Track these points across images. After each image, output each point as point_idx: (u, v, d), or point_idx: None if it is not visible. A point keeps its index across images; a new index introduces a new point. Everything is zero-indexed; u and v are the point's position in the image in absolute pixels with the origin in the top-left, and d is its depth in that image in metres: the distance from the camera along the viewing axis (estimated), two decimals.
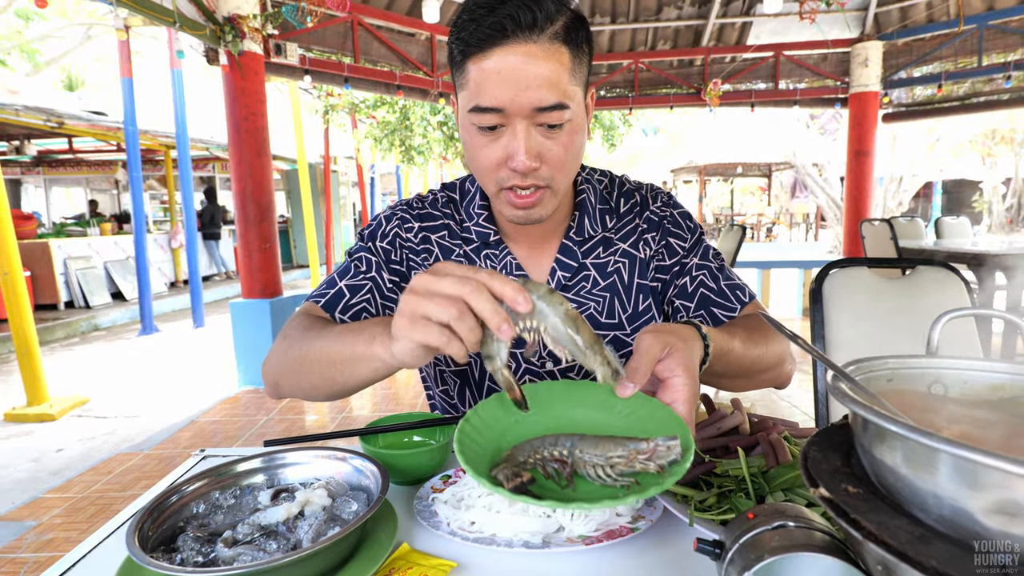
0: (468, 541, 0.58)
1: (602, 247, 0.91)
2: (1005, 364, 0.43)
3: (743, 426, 0.67)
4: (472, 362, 0.90)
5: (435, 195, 0.96)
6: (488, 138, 0.74)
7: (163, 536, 0.56)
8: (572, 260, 0.89)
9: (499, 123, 0.73)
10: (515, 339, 0.54)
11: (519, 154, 0.72)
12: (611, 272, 0.91)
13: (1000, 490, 0.27)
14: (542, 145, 0.74)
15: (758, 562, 0.38)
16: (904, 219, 5.01)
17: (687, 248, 0.93)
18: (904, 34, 5.84)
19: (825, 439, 0.43)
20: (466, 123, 0.76)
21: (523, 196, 0.77)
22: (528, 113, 0.71)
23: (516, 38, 0.69)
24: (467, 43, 0.71)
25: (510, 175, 0.76)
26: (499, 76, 0.69)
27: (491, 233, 0.89)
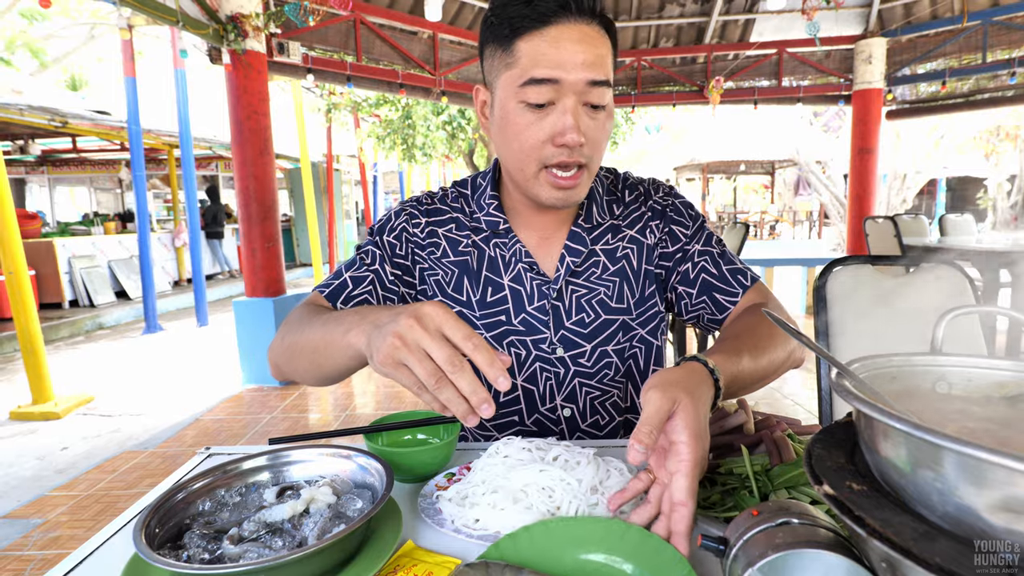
0: (472, 539, 0.58)
1: (610, 233, 0.94)
2: (1009, 362, 0.43)
3: (747, 425, 0.67)
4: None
5: (446, 191, 0.98)
6: (536, 115, 0.77)
7: (169, 533, 0.56)
8: (581, 246, 0.91)
9: (550, 99, 0.76)
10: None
11: (569, 129, 0.76)
12: (620, 257, 0.93)
13: (1005, 487, 0.28)
14: (586, 124, 0.78)
15: (762, 558, 0.39)
16: (908, 216, 4.99)
17: (689, 235, 0.94)
18: (908, 30, 5.81)
19: (829, 436, 0.43)
20: (510, 103, 0.78)
21: (566, 177, 0.80)
22: (580, 88, 0.75)
23: (576, 18, 0.74)
24: (522, 20, 0.75)
25: (556, 152, 0.78)
26: (558, 49, 0.74)
27: (500, 222, 0.91)
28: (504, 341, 0.90)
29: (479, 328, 0.90)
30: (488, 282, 0.91)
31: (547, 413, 0.91)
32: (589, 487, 0.62)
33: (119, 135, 7.44)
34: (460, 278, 0.92)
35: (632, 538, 0.53)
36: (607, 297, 0.91)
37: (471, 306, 0.91)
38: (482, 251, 0.92)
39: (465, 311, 0.91)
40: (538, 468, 0.64)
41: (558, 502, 0.61)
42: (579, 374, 0.91)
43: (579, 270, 0.91)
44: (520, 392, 0.91)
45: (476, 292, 0.91)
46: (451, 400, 0.54)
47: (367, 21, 4.86)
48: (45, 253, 6.64)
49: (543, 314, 0.90)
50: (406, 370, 0.56)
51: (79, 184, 12.19)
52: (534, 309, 0.90)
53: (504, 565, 0.50)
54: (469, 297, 0.91)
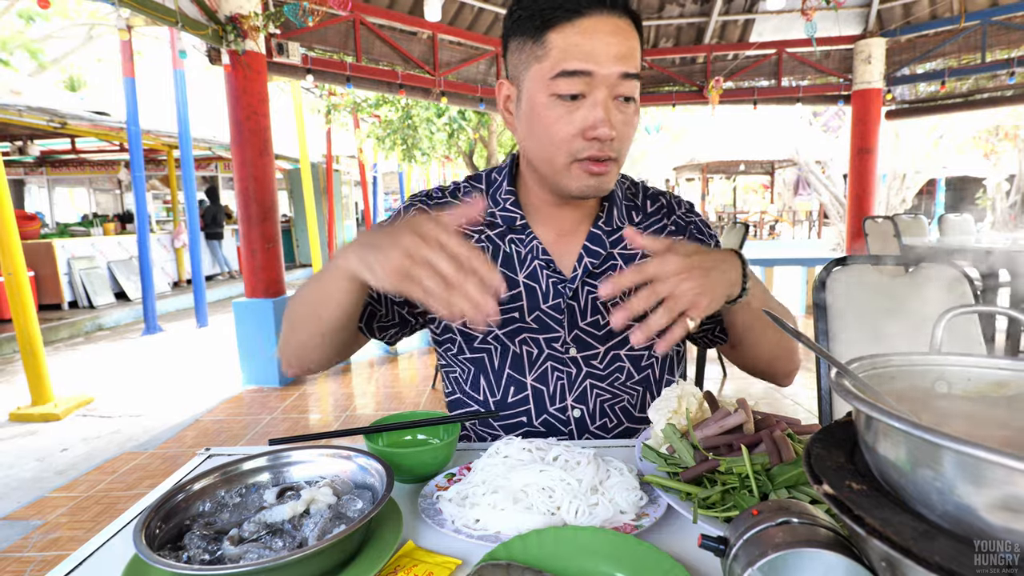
0: (473, 539, 0.58)
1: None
2: (1009, 360, 0.43)
3: (747, 424, 0.67)
4: (492, 347, 0.90)
5: (458, 185, 0.97)
6: (567, 108, 0.77)
7: (169, 534, 0.56)
8: (600, 248, 0.90)
9: (581, 91, 0.76)
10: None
11: (600, 123, 0.76)
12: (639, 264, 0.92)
13: (1004, 487, 0.28)
14: (616, 118, 0.78)
15: (762, 558, 0.39)
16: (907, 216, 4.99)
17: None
18: (907, 30, 5.81)
19: (828, 436, 0.44)
20: (540, 96, 0.78)
21: (599, 164, 0.79)
22: (613, 81, 0.75)
23: (610, 10, 0.75)
24: (554, 11, 0.75)
25: (587, 145, 0.78)
26: (592, 40, 0.74)
27: (517, 217, 0.90)
28: (517, 338, 0.89)
29: (490, 326, 0.89)
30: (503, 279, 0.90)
31: (556, 413, 0.90)
32: (589, 487, 0.63)
33: (118, 136, 7.44)
34: None
35: (641, 555, 0.53)
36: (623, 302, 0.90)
37: None
38: (497, 247, 0.91)
39: None
40: (538, 468, 0.64)
41: (558, 502, 0.61)
42: (591, 375, 0.90)
43: (597, 272, 0.90)
44: (530, 391, 0.89)
45: None
46: (461, 304, 0.58)
47: (366, 21, 4.86)
48: (44, 254, 6.64)
49: (558, 312, 0.89)
50: (413, 283, 0.59)
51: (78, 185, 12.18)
52: (548, 307, 0.89)
53: (525, 568, 0.50)
54: None
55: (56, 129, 6.82)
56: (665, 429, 0.70)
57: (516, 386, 0.89)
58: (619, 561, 0.53)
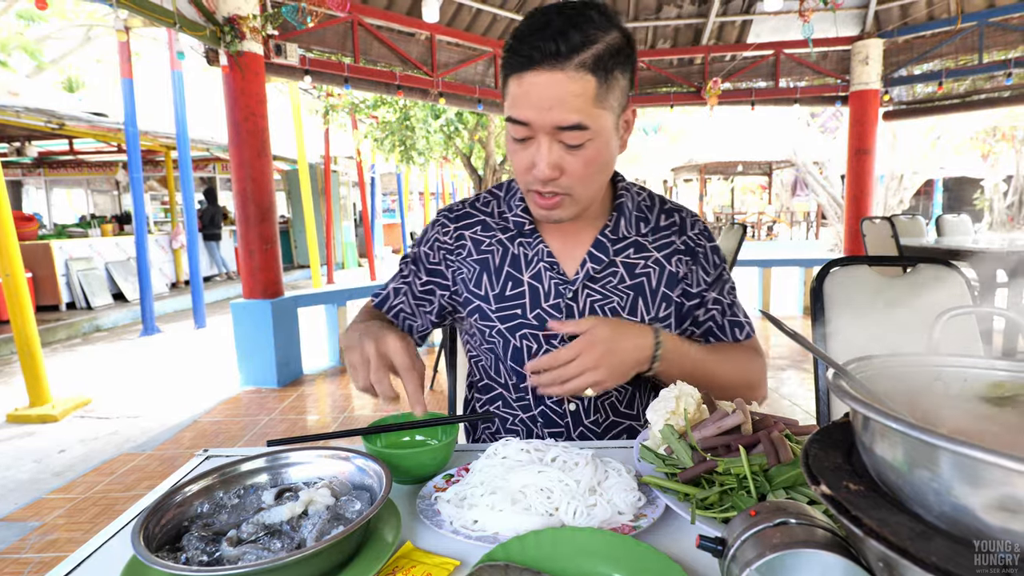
0: (471, 540, 0.58)
1: (633, 249, 0.98)
2: (1005, 362, 0.44)
3: (745, 425, 0.68)
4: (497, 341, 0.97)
5: (479, 196, 1.06)
6: (520, 145, 0.85)
7: (168, 536, 0.56)
8: (603, 254, 0.96)
9: (527, 135, 0.83)
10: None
11: (539, 165, 0.83)
12: (639, 274, 0.97)
13: (1000, 487, 0.28)
14: (563, 159, 0.83)
15: (760, 559, 0.39)
16: (905, 217, 5.00)
17: (711, 281, 1.01)
18: (904, 31, 5.83)
19: (826, 437, 0.44)
20: (508, 132, 0.86)
21: (545, 199, 0.87)
22: (550, 131, 0.81)
23: (543, 65, 0.78)
24: (508, 63, 0.82)
25: (534, 180, 0.85)
26: (527, 96, 0.80)
27: (526, 222, 0.97)
28: (517, 333, 0.95)
29: (493, 321, 0.96)
30: (509, 278, 0.97)
31: (553, 406, 0.96)
32: (587, 488, 0.63)
33: (116, 137, 7.42)
34: (480, 274, 0.98)
35: (639, 556, 0.53)
36: (619, 307, 0.95)
37: (488, 300, 0.97)
38: (506, 249, 0.98)
39: (483, 305, 0.97)
40: (536, 469, 0.64)
41: (556, 503, 0.61)
42: None
43: (597, 276, 0.96)
44: (529, 383, 0.94)
45: (495, 287, 0.97)
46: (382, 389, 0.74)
47: (364, 23, 4.86)
48: (42, 255, 6.62)
49: (557, 311, 0.95)
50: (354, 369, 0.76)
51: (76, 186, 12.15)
52: (549, 306, 0.95)
53: (523, 569, 0.51)
54: (487, 292, 0.97)
55: (54, 130, 6.81)
56: (663, 430, 0.70)
57: (518, 376, 0.98)
58: (617, 562, 0.53)
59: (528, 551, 0.54)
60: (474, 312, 0.98)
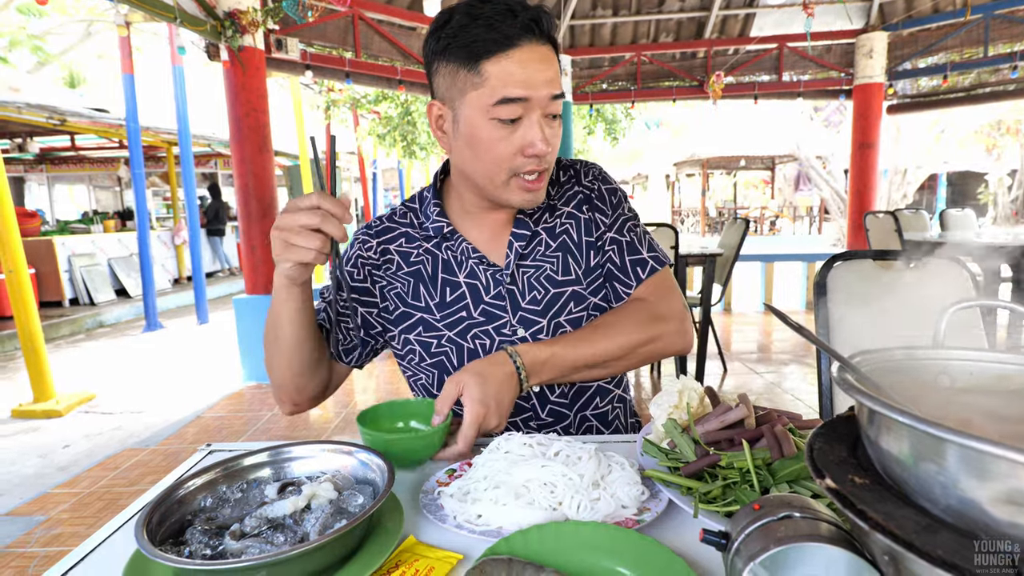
0: (475, 534, 0.58)
1: (548, 213, 1.00)
2: (1011, 355, 0.43)
3: (748, 419, 0.67)
4: (448, 349, 0.95)
5: (394, 210, 1.05)
6: (507, 130, 0.84)
7: (171, 530, 0.56)
8: (525, 230, 0.97)
9: (520, 114, 0.83)
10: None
11: (536, 142, 0.84)
12: (560, 233, 0.99)
13: (1007, 480, 0.27)
14: (548, 133, 0.85)
15: (764, 552, 0.38)
16: (908, 211, 4.98)
17: (608, 223, 1.00)
18: (909, 24, 5.78)
19: (831, 430, 0.43)
20: (480, 120, 0.84)
21: (533, 181, 0.88)
22: (545, 103, 0.83)
23: (535, 40, 0.82)
24: (487, 44, 0.81)
25: (526, 161, 0.86)
26: (526, 70, 0.81)
27: (444, 225, 0.97)
28: (468, 335, 0.95)
29: (441, 329, 0.95)
30: (445, 283, 0.97)
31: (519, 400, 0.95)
32: (591, 482, 0.63)
33: (118, 133, 7.43)
34: (416, 286, 0.97)
35: (642, 548, 0.53)
36: (552, 272, 0.96)
37: (431, 310, 0.96)
38: (435, 256, 0.98)
39: (426, 316, 0.96)
40: (540, 464, 0.64)
41: (560, 497, 0.61)
42: None
43: (526, 252, 0.97)
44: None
45: (435, 295, 0.96)
46: (332, 228, 0.77)
47: (366, 17, 4.84)
48: (45, 251, 6.64)
49: (500, 300, 0.95)
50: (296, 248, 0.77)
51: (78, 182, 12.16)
52: (491, 298, 0.95)
53: (526, 563, 0.51)
54: (427, 302, 0.96)
55: (56, 126, 6.81)
56: (666, 424, 0.70)
57: None
58: (621, 556, 0.53)
59: (531, 545, 0.54)
60: (415, 326, 0.96)
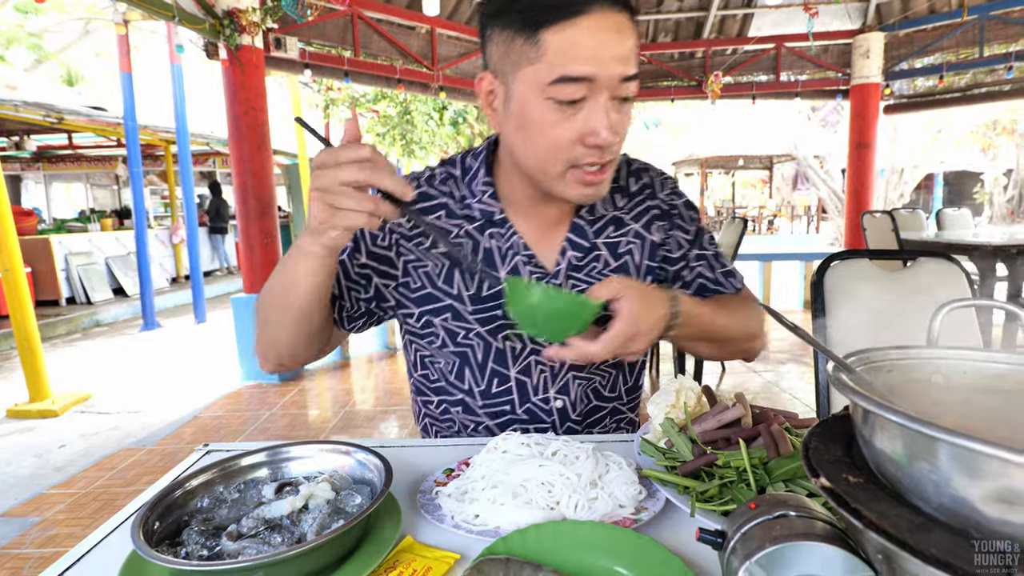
0: (472, 534, 0.59)
1: (613, 226, 0.89)
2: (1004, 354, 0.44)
3: (745, 418, 0.68)
4: (475, 343, 0.87)
5: (433, 172, 0.92)
6: (566, 113, 0.71)
7: (168, 530, 0.56)
8: (583, 239, 0.87)
9: (583, 95, 0.70)
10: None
11: (603, 129, 0.71)
12: (623, 253, 0.89)
13: (998, 478, 0.28)
14: (615, 120, 0.72)
15: (759, 551, 0.39)
16: (905, 211, 4.99)
17: (691, 240, 0.94)
18: (905, 25, 5.79)
19: (826, 430, 0.44)
20: (535, 99, 0.72)
21: (595, 173, 0.75)
22: (614, 84, 0.70)
23: (608, 5, 0.69)
24: (551, 10, 0.68)
25: (587, 152, 0.73)
26: (593, 43, 0.68)
27: (496, 212, 0.85)
28: (499, 335, 0.87)
29: (471, 323, 0.86)
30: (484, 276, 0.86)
31: (539, 403, 0.90)
32: (588, 482, 0.63)
33: (115, 131, 7.41)
34: (451, 270, 0.86)
35: (640, 548, 0.53)
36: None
37: (462, 300, 0.86)
38: (476, 242, 0.86)
39: (456, 304, 0.86)
40: (537, 463, 0.64)
41: (557, 497, 0.61)
42: (573, 367, 0.90)
43: (581, 264, 0.87)
44: (514, 383, 0.89)
45: (470, 286, 0.86)
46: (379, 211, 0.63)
47: (365, 16, 4.83)
48: (41, 250, 6.62)
49: None
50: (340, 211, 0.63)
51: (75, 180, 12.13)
52: None
53: (524, 562, 0.51)
54: (460, 291, 0.86)
55: (53, 124, 6.79)
56: (663, 423, 0.70)
57: (500, 378, 0.89)
58: (618, 555, 0.53)
59: (529, 544, 0.55)
60: (442, 312, 0.87)
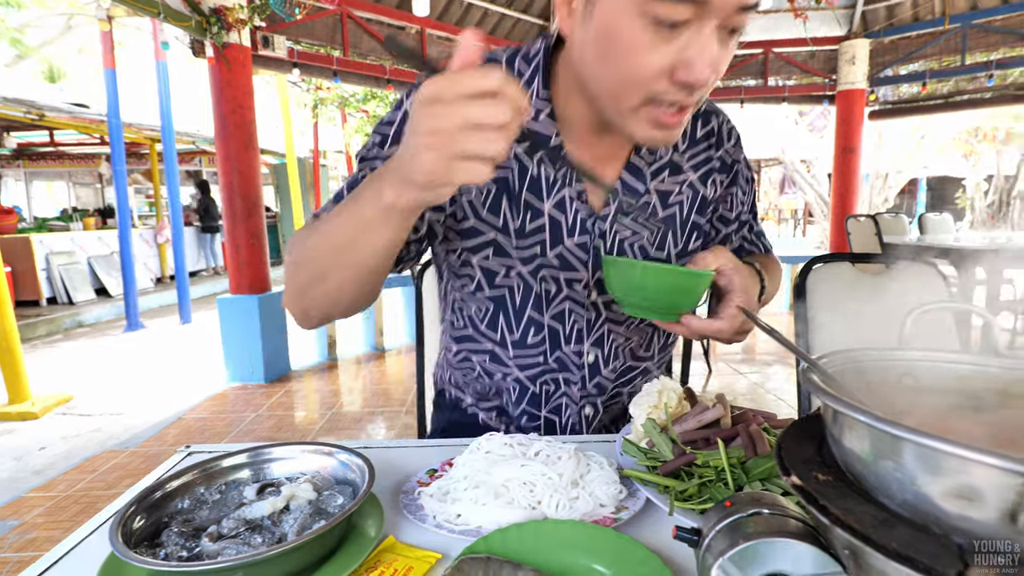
0: (454, 534, 0.59)
1: (668, 171, 0.81)
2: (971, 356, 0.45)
3: (724, 419, 0.69)
4: (515, 283, 0.79)
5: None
6: (662, 37, 0.58)
7: (147, 532, 0.56)
8: (640, 182, 0.79)
9: (688, 18, 0.57)
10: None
11: (702, 63, 0.59)
12: (673, 204, 0.82)
13: (957, 475, 0.29)
14: (718, 56, 0.61)
15: (732, 548, 0.39)
16: (888, 215, 5.08)
17: (745, 201, 0.90)
18: (890, 32, 5.90)
19: (799, 430, 0.45)
20: (628, 14, 0.58)
21: (673, 114, 0.63)
22: (729, 10, 0.57)
23: None
24: None
25: (672, 88, 0.61)
26: None
27: (552, 135, 0.74)
28: (539, 275, 0.78)
29: (513, 260, 0.76)
30: (528, 207, 0.76)
31: (571, 355, 0.83)
32: (570, 481, 0.63)
33: (99, 129, 7.31)
34: (499, 197, 0.75)
35: (619, 547, 0.54)
36: (649, 243, 0.81)
37: (508, 233, 0.76)
38: (523, 168, 0.75)
39: (500, 238, 0.76)
40: (519, 463, 0.65)
41: (539, 496, 0.62)
42: (610, 320, 0.84)
43: (631, 210, 0.79)
44: (547, 331, 0.82)
45: (516, 218, 0.75)
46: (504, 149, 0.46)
47: (354, 15, 4.82)
48: (21, 249, 6.50)
49: (583, 252, 0.78)
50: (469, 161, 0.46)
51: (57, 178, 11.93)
52: (574, 245, 0.78)
53: (504, 561, 0.51)
54: (506, 222, 0.76)
55: (34, 121, 6.68)
56: (645, 424, 0.71)
57: (535, 327, 0.82)
58: (597, 553, 0.54)
59: (510, 544, 0.55)
60: (484, 247, 0.76)
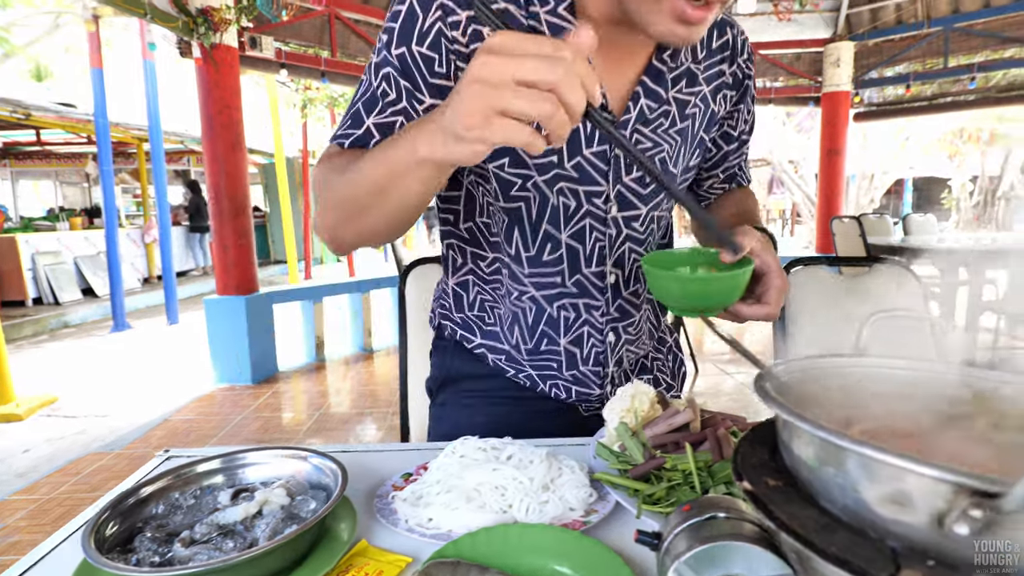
0: (425, 538, 0.60)
1: (686, 80, 0.76)
2: (926, 363, 0.46)
3: (694, 423, 0.70)
4: (531, 195, 0.74)
5: None
6: None
7: (121, 537, 0.56)
8: (662, 88, 0.73)
9: None
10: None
11: None
12: (688, 115, 0.77)
13: (891, 482, 0.30)
14: None
15: (688, 551, 0.41)
16: (873, 216, 5.14)
17: (748, 120, 0.87)
18: (874, 35, 5.97)
19: (756, 435, 0.46)
20: None
21: (699, 8, 0.60)
22: None
23: None
24: None
25: None
26: None
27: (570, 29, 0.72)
28: (555, 187, 0.74)
29: (530, 169, 0.72)
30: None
31: (592, 277, 0.80)
32: (541, 485, 0.64)
33: (86, 128, 7.24)
34: None
35: (585, 550, 0.55)
36: (668, 156, 0.77)
37: None
38: None
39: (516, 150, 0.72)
40: (491, 467, 0.66)
41: (510, 500, 0.63)
42: (631, 239, 0.80)
43: (651, 118, 0.74)
44: (564, 251, 0.78)
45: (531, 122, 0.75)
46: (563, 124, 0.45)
47: (342, 16, 4.81)
48: (7, 249, 6.43)
49: (603, 162, 0.73)
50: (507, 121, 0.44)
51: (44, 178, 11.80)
52: (592, 154, 0.73)
53: (471, 565, 0.52)
54: None
55: (20, 120, 6.60)
56: (618, 427, 0.72)
57: (552, 243, 0.78)
58: (565, 557, 0.55)
59: (479, 548, 0.56)
60: (500, 155, 0.72)
